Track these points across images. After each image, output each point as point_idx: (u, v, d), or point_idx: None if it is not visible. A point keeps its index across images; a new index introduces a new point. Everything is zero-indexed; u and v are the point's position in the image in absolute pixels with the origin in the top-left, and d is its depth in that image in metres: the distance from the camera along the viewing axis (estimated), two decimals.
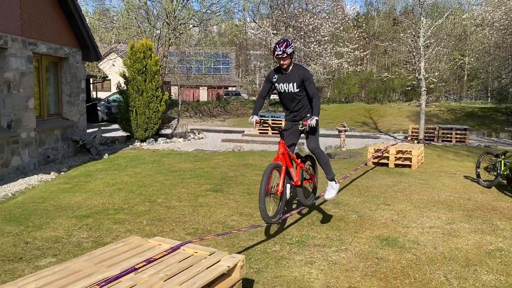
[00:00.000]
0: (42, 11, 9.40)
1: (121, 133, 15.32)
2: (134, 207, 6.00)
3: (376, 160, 9.42)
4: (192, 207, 5.96)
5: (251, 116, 4.88)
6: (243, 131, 17.96)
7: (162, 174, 8.41)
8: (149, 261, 2.75)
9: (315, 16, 23.09)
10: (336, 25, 23.92)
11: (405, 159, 9.23)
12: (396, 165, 9.24)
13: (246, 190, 6.98)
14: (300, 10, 23.14)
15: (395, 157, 9.23)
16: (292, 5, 23.83)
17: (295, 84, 4.77)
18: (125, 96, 13.39)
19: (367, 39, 27.92)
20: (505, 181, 7.28)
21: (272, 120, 17.02)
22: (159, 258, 2.83)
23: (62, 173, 8.77)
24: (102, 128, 18.66)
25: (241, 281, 2.92)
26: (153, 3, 22.42)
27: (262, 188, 4.17)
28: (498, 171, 7.19)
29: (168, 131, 15.99)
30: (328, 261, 4.06)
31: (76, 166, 9.53)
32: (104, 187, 7.24)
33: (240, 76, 46.19)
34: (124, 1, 20.71)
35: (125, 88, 13.54)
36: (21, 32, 8.55)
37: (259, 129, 16.76)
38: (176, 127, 16.52)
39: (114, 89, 32.99)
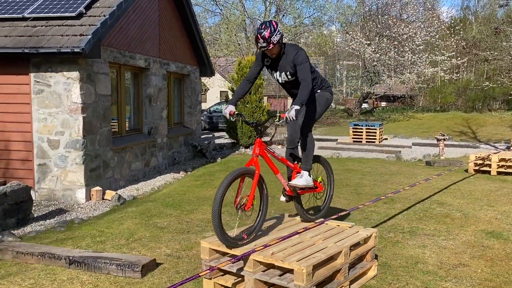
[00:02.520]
0: (173, 36, 11.13)
1: (223, 140, 16.97)
2: None
3: (477, 168, 9.69)
4: (313, 202, 6.95)
5: (226, 106, 3.95)
6: (336, 139, 18.63)
7: None
8: (306, 228, 3.77)
9: (410, 26, 23.13)
10: (431, 34, 23.71)
11: (508, 167, 9.38)
12: (499, 173, 9.43)
13: (353, 191, 7.82)
14: (394, 20, 23.36)
15: (498, 164, 9.43)
16: (386, 15, 24.09)
17: (288, 73, 3.99)
18: None
19: (466, 48, 27.06)
20: None
21: (367, 128, 17.51)
22: (312, 227, 3.84)
23: (189, 172, 10.31)
24: (204, 136, 20.51)
25: (374, 248, 3.83)
26: (251, 21, 24.17)
27: (216, 200, 3.24)
28: None
29: (266, 138, 17.27)
30: (438, 246, 4.79)
31: (197, 167, 11.06)
32: None
33: None
34: (227, 19, 22.67)
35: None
36: (159, 55, 10.29)
37: (352, 137, 17.33)
38: (274, 135, 17.74)
39: (209, 100, 35.54)
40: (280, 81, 4.11)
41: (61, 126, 7.33)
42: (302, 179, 4.09)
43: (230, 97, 15.21)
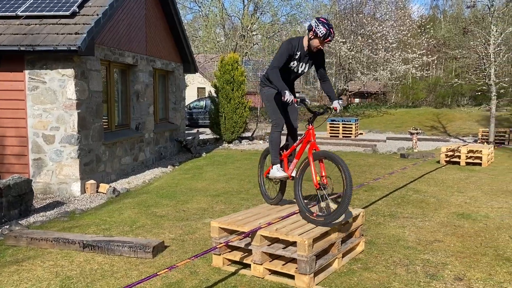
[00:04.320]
0: (158, 34, 11.41)
1: (206, 136, 17.33)
2: (249, 190, 7.59)
3: (448, 159, 10.42)
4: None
5: (288, 93, 4.08)
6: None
7: None
8: None
9: (383, 24, 23.98)
10: (403, 32, 24.63)
11: (476, 157, 10.15)
12: (467, 163, 10.18)
13: (335, 181, 8.34)
14: (368, 19, 24.16)
15: (466, 155, 10.17)
16: (361, 14, 24.87)
17: (308, 64, 4.50)
18: (215, 103, 15.28)
19: (437, 47, 28.22)
20: None
21: (343, 124, 18.17)
22: None
23: (176, 166, 10.64)
24: (186, 132, 20.76)
25: (361, 226, 4.34)
26: (230, 18, 24.53)
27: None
28: None
29: (247, 134, 17.72)
30: (416, 226, 5.35)
31: (184, 161, 11.41)
32: (218, 177, 8.94)
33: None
34: (206, 17, 22.95)
35: (215, 96, 15.43)
36: (146, 52, 10.57)
37: (329, 133, 17.97)
38: (255, 130, 18.23)
39: (187, 97, 35.58)
40: (299, 71, 4.49)
41: (56, 121, 7.56)
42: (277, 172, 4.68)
43: (213, 93, 15.52)
